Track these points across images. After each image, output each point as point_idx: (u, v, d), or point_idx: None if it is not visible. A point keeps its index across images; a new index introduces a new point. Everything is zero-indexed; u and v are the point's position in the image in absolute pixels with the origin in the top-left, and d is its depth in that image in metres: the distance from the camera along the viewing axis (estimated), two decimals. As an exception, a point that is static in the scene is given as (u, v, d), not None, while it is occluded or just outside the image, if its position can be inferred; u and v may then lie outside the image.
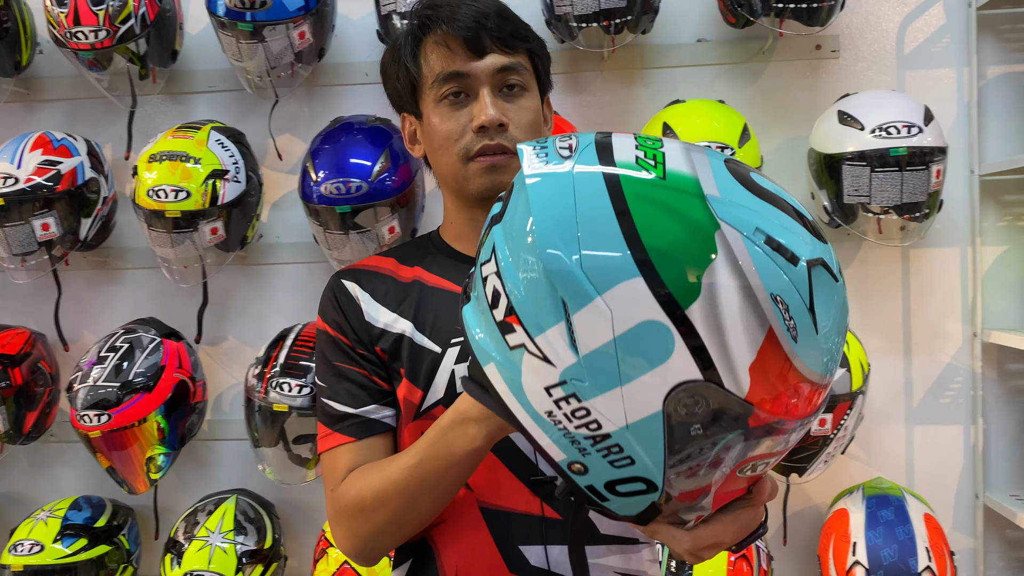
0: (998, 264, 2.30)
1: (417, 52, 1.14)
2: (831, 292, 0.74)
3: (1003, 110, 2.27)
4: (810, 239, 0.74)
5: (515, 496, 1.11)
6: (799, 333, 0.71)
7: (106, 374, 2.09)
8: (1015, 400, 2.30)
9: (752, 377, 0.70)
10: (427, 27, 1.14)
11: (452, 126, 1.12)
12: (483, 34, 1.11)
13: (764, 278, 0.69)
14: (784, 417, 0.73)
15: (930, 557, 1.96)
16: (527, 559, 1.11)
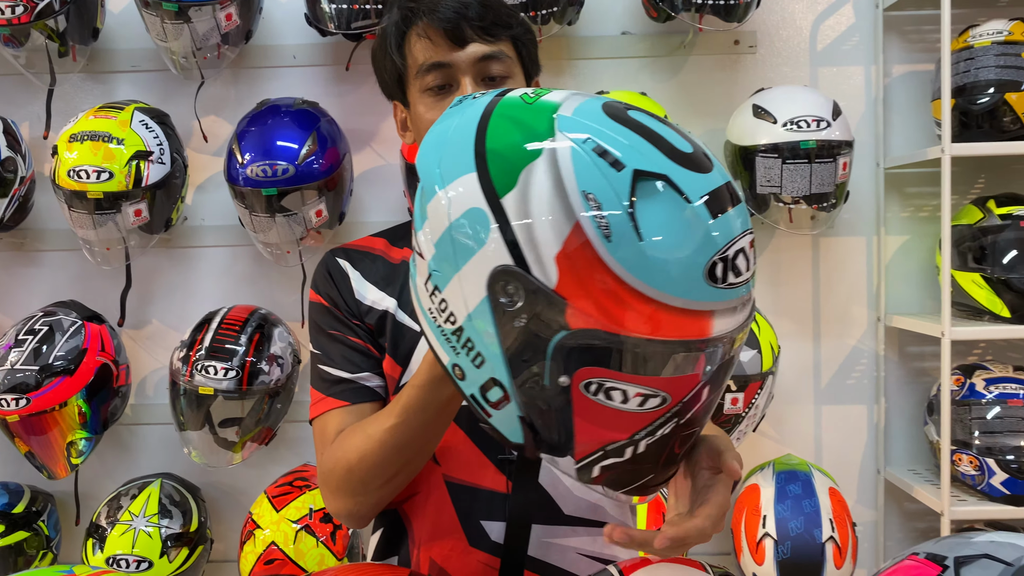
0: (900, 252, 2.43)
1: (402, 43, 1.17)
2: (673, 208, 0.73)
3: (906, 106, 2.40)
4: (671, 165, 0.74)
5: (481, 473, 1.15)
6: (613, 234, 0.72)
7: (24, 357, 2.05)
8: (915, 381, 2.44)
9: (559, 268, 0.73)
10: (410, 19, 1.16)
11: (437, 115, 1.13)
12: (464, 24, 1.13)
13: (578, 175, 0.73)
14: (608, 323, 0.73)
15: (833, 528, 2.08)
16: (488, 534, 1.15)
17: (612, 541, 0.83)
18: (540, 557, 1.16)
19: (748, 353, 2.06)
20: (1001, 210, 2.17)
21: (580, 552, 1.17)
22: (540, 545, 1.16)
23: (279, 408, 2.18)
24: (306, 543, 2.06)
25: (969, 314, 2.22)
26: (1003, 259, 2.11)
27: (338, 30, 2.08)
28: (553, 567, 1.16)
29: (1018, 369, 2.23)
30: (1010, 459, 2.08)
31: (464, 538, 1.15)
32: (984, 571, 0.74)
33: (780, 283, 2.41)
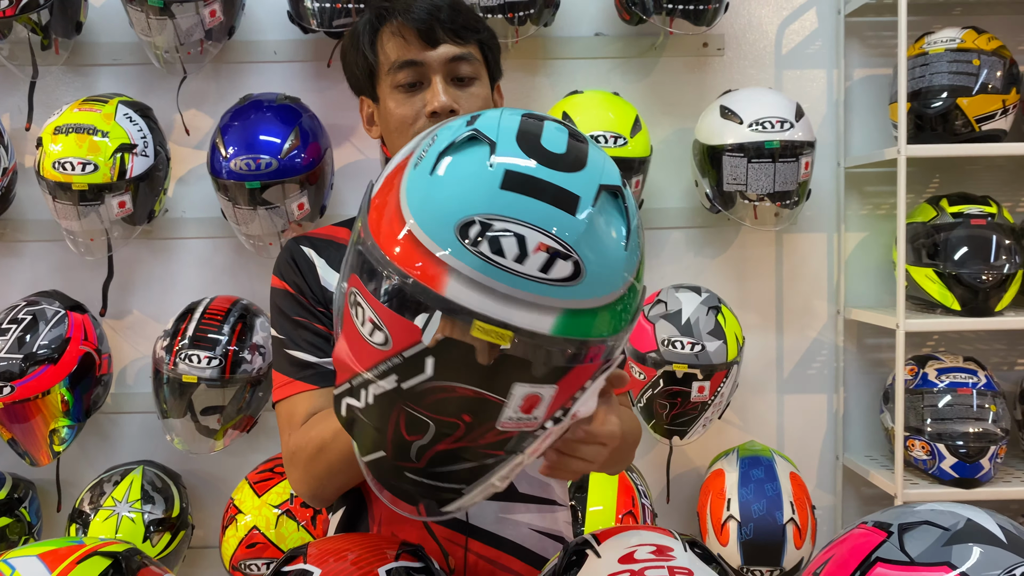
0: (860, 248, 2.54)
1: (375, 41, 1.22)
2: (472, 162, 0.79)
3: (866, 109, 2.51)
4: (515, 148, 0.80)
5: None
6: (419, 163, 0.81)
7: (8, 346, 2.08)
8: (872, 371, 2.55)
9: (382, 182, 0.84)
10: (384, 17, 1.21)
11: (407, 111, 1.20)
12: (436, 25, 1.18)
13: (445, 132, 0.84)
14: (374, 233, 0.79)
15: (794, 510, 2.18)
16: None
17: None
18: (497, 532, 1.22)
19: (714, 343, 2.16)
20: (953, 208, 2.29)
21: (531, 527, 1.25)
22: (496, 520, 1.23)
23: (260, 396, 2.23)
24: (287, 527, 2.12)
25: (923, 307, 2.33)
26: (954, 255, 2.23)
27: (320, 28, 2.13)
28: (508, 540, 1.23)
29: (968, 360, 2.35)
30: (959, 444, 2.20)
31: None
32: (924, 536, 0.83)
33: (745, 277, 2.51)
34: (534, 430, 0.81)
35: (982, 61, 2.20)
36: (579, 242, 0.76)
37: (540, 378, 0.78)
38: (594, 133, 2.16)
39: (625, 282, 0.80)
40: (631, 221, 0.83)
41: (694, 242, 2.50)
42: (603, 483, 2.19)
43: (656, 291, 2.31)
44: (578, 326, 0.76)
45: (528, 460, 0.86)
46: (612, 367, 0.85)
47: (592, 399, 0.84)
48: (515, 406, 0.78)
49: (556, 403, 0.80)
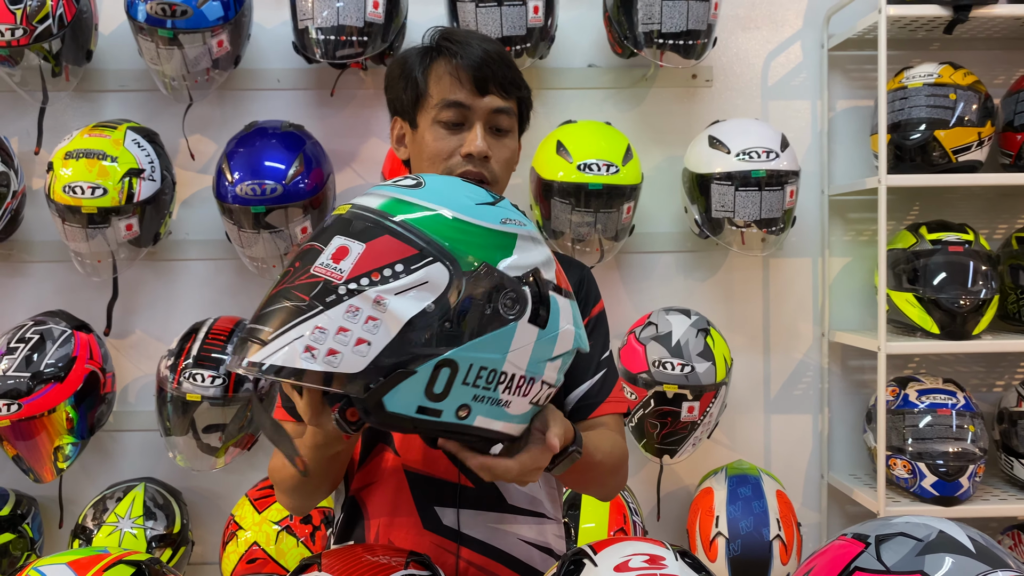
0: (843, 273, 2.63)
1: (428, 72, 1.29)
2: None
3: (849, 139, 2.61)
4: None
5: (436, 463, 1.29)
6: None
7: (16, 364, 2.13)
8: (856, 392, 2.63)
9: None
10: (442, 52, 1.28)
11: (443, 146, 1.28)
12: (489, 75, 1.27)
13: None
14: None
15: (780, 527, 2.25)
16: (440, 519, 1.28)
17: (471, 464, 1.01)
18: (487, 541, 1.28)
19: (703, 364, 2.23)
20: (932, 236, 2.37)
21: (520, 538, 1.31)
22: (487, 530, 1.29)
23: (262, 415, 2.28)
24: (287, 543, 2.16)
25: (904, 330, 2.41)
26: (933, 280, 2.31)
27: (324, 58, 2.21)
28: (498, 550, 1.29)
29: (947, 381, 2.43)
30: (939, 463, 2.27)
31: (419, 521, 1.28)
32: (899, 547, 0.90)
33: (733, 300, 2.59)
34: (337, 284, 0.89)
35: (958, 95, 2.30)
36: (431, 177, 1.01)
37: (354, 232, 0.93)
38: (587, 161, 2.24)
39: (466, 216, 0.96)
40: (500, 208, 1.00)
41: (683, 266, 2.58)
42: (596, 501, 2.25)
43: (647, 313, 2.38)
44: (405, 209, 0.95)
45: (331, 332, 0.88)
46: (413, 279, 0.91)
47: (409, 304, 0.90)
48: (329, 253, 0.92)
49: (361, 264, 0.91)
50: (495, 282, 0.94)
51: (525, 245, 0.99)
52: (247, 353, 0.88)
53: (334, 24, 2.16)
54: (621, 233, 2.34)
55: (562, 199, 2.25)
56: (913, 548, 0.89)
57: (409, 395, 0.90)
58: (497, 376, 0.95)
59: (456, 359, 0.92)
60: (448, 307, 0.91)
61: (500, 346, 0.95)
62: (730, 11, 2.56)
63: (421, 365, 0.90)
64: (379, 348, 0.88)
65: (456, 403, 0.93)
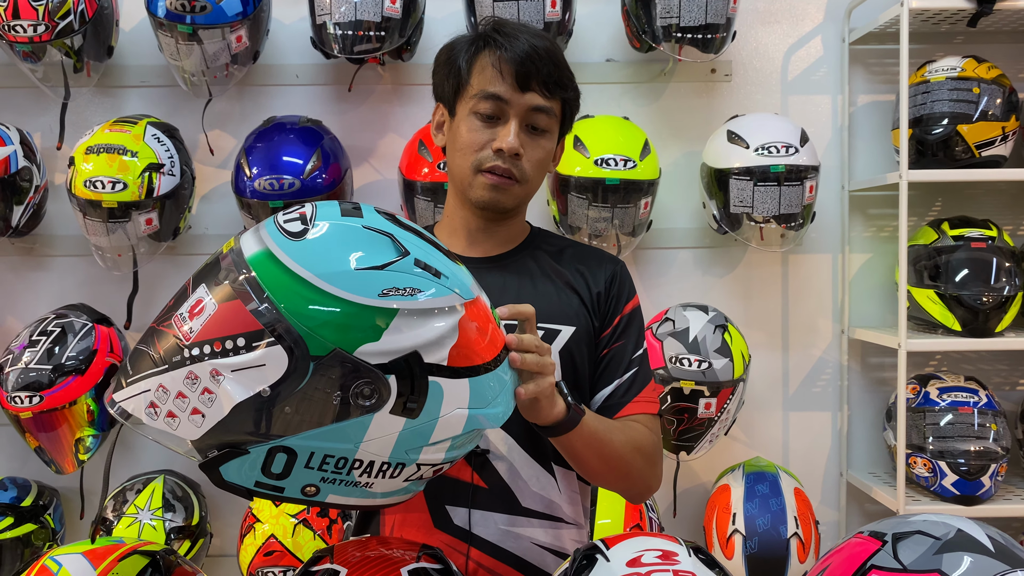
0: (863, 269, 2.60)
1: (472, 61, 1.26)
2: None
3: (870, 134, 2.58)
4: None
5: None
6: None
7: (38, 357, 2.16)
8: (875, 389, 2.61)
9: None
10: (488, 43, 1.25)
11: (476, 138, 1.25)
12: (532, 72, 1.23)
13: None
14: None
15: (798, 525, 2.23)
16: (451, 518, 1.27)
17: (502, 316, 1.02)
18: (498, 543, 1.27)
19: (720, 361, 2.22)
20: (954, 232, 2.34)
21: (535, 542, 1.29)
22: (500, 533, 1.27)
23: (279, 408, 2.30)
24: (304, 536, 2.18)
25: (925, 328, 2.39)
26: (955, 277, 2.29)
27: (342, 54, 2.21)
28: (509, 552, 1.27)
29: (969, 379, 2.40)
30: (960, 462, 2.25)
31: (430, 521, 1.27)
32: (917, 545, 0.89)
33: (751, 297, 2.57)
34: (183, 345, 0.85)
35: (982, 89, 2.27)
36: (319, 215, 0.90)
37: (214, 285, 0.87)
38: (605, 156, 2.23)
39: (332, 287, 0.85)
40: (391, 274, 0.88)
41: (701, 262, 2.56)
42: (611, 497, 2.24)
43: (664, 309, 2.37)
44: (268, 271, 0.85)
45: (171, 395, 0.86)
46: (264, 357, 0.84)
47: (242, 386, 0.84)
48: (189, 303, 0.87)
49: (211, 327, 0.84)
50: (347, 370, 0.84)
51: (407, 323, 0.87)
52: (115, 390, 0.89)
53: (352, 19, 2.16)
54: (638, 229, 2.33)
55: (579, 194, 2.24)
56: (931, 547, 0.88)
57: (245, 471, 0.87)
58: (350, 463, 0.89)
59: (294, 447, 0.86)
60: (287, 394, 0.84)
61: (350, 436, 0.87)
62: (749, 5, 2.54)
63: (254, 447, 0.85)
64: (211, 423, 0.84)
65: (300, 483, 0.89)
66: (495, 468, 1.28)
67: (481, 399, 0.94)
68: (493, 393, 0.96)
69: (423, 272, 0.91)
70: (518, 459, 1.29)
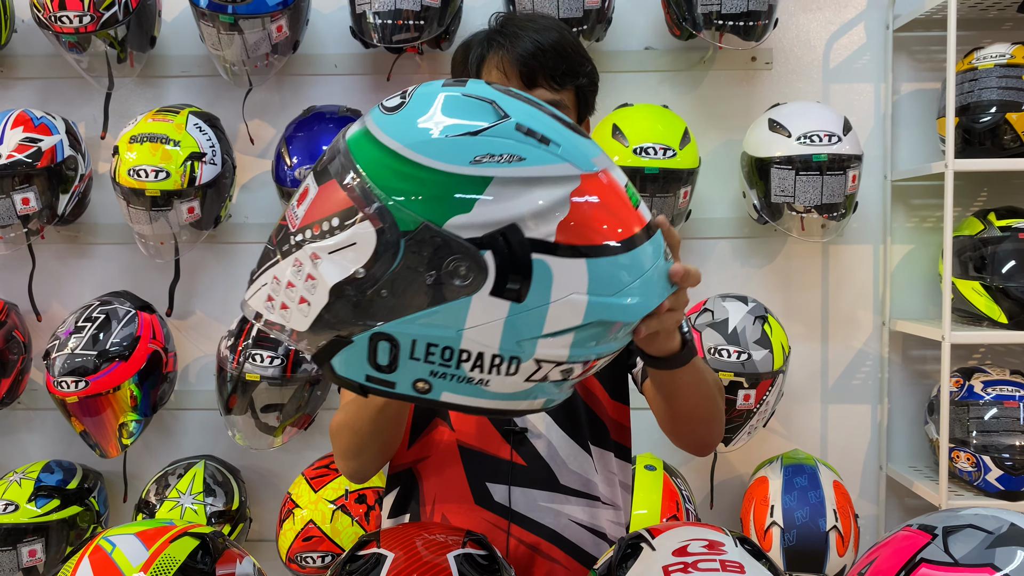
0: (905, 261, 2.56)
1: (481, 64, 1.26)
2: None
3: (914, 123, 2.53)
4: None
5: (489, 440, 1.29)
6: None
7: (83, 343, 2.20)
8: (916, 383, 2.57)
9: None
10: (493, 45, 1.25)
11: None
12: (537, 69, 1.22)
13: None
14: None
15: (837, 518, 2.21)
16: (492, 495, 1.29)
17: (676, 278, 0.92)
18: (537, 519, 1.28)
19: (760, 352, 2.20)
20: (1001, 222, 2.30)
21: (572, 519, 1.30)
22: (539, 509, 1.28)
23: (319, 395, 2.32)
24: (342, 522, 2.20)
25: (969, 320, 2.34)
26: (1002, 269, 2.24)
27: (381, 43, 2.22)
28: (548, 528, 1.29)
29: (1015, 373, 2.35)
30: (1005, 457, 2.21)
31: (471, 497, 1.28)
32: (968, 539, 0.88)
33: (791, 288, 2.54)
34: (292, 231, 0.82)
35: (1032, 77, 2.22)
36: (420, 89, 0.86)
37: (319, 170, 0.84)
38: (644, 145, 2.22)
39: (420, 155, 0.79)
40: (488, 144, 0.81)
41: (741, 252, 2.54)
42: (648, 487, 2.24)
43: (703, 300, 2.35)
44: (362, 147, 0.82)
45: (282, 284, 0.82)
46: (358, 224, 0.79)
47: (337, 267, 0.80)
48: (299, 192, 0.84)
49: (312, 211, 0.82)
50: (438, 246, 0.78)
51: (503, 192, 0.79)
52: (247, 290, 0.87)
53: (391, 8, 2.17)
54: (677, 218, 2.31)
55: (617, 183, 2.23)
56: (983, 540, 0.87)
57: (354, 362, 0.82)
58: (456, 354, 0.81)
59: (393, 333, 0.80)
60: (381, 274, 0.78)
61: (450, 321, 0.80)
62: (791, -8, 2.50)
63: (357, 335, 0.81)
64: (317, 310, 0.80)
65: (410, 377, 0.82)
66: (533, 446, 1.30)
67: (605, 285, 0.83)
68: (623, 281, 0.85)
69: (526, 138, 0.82)
70: (555, 437, 1.31)
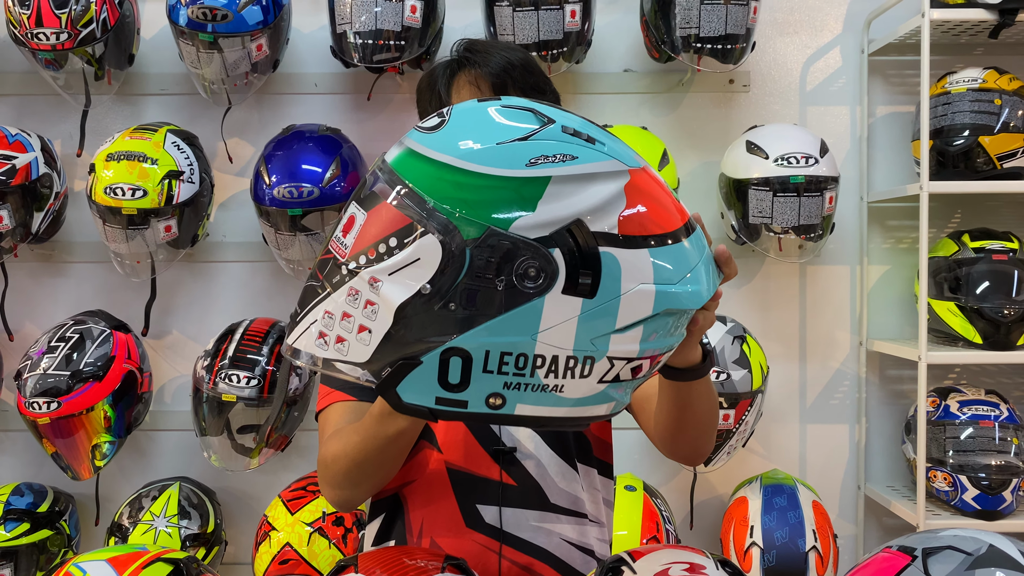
0: (882, 281, 2.59)
1: (451, 84, 1.29)
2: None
3: (889, 145, 2.57)
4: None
5: (478, 461, 1.28)
6: None
7: (56, 363, 2.16)
8: (893, 402, 2.59)
9: None
10: (464, 64, 1.30)
11: None
12: (509, 81, 1.27)
13: None
14: None
15: (816, 538, 2.21)
16: (482, 517, 1.27)
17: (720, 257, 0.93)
18: (529, 539, 1.27)
19: (739, 372, 2.21)
20: (975, 244, 2.33)
21: (563, 538, 1.30)
22: (530, 529, 1.27)
23: (296, 416, 2.30)
24: (319, 544, 2.17)
25: (945, 340, 2.37)
26: (976, 289, 2.27)
27: (361, 63, 2.22)
28: (540, 548, 1.28)
29: (990, 393, 2.38)
30: (981, 476, 2.23)
31: (462, 521, 1.27)
32: (948, 560, 0.87)
33: (769, 308, 2.56)
34: (341, 262, 0.81)
35: (1003, 100, 2.25)
36: (457, 107, 0.86)
37: (362, 197, 0.83)
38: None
39: (475, 164, 0.80)
40: (539, 149, 0.81)
41: (719, 273, 2.55)
42: (628, 508, 2.23)
43: (682, 320, 2.36)
44: (410, 166, 0.82)
45: (337, 318, 0.81)
46: (415, 244, 0.79)
47: (400, 287, 0.79)
48: (342, 222, 0.83)
49: (363, 236, 0.81)
50: (506, 250, 0.78)
51: (563, 190, 0.80)
52: (288, 333, 0.86)
53: (372, 28, 2.17)
54: (656, 239, 2.32)
55: (597, 204, 2.24)
56: (962, 562, 0.87)
57: (423, 386, 0.80)
58: (531, 361, 0.80)
59: (467, 348, 0.79)
60: (447, 287, 0.78)
61: (524, 326, 0.79)
62: (768, 16, 2.53)
63: (426, 355, 0.79)
64: (379, 337, 0.79)
65: (482, 393, 0.81)
66: (523, 465, 1.29)
67: (669, 273, 0.85)
68: (683, 267, 0.86)
69: (573, 138, 0.83)
70: (544, 456, 1.30)
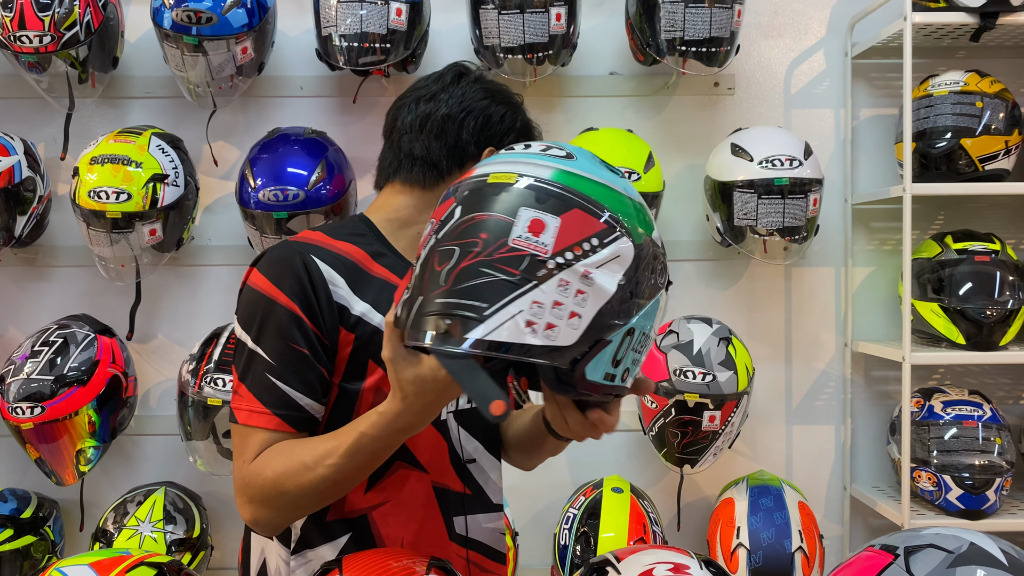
0: (866, 283, 2.60)
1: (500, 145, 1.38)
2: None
3: (873, 147, 2.59)
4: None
5: (450, 476, 1.31)
6: None
7: (40, 367, 2.15)
8: (878, 403, 2.60)
9: None
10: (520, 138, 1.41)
11: None
12: None
13: None
14: None
15: (802, 539, 2.22)
16: (455, 528, 1.31)
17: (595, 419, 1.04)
18: (485, 541, 1.36)
19: (725, 374, 2.21)
20: (958, 245, 2.35)
21: (497, 530, 1.39)
22: (484, 531, 1.35)
23: (282, 420, 2.29)
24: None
25: (928, 341, 2.38)
26: (959, 290, 2.29)
27: (347, 65, 2.22)
28: (490, 547, 1.37)
29: (973, 393, 2.39)
30: (965, 476, 2.24)
31: (446, 534, 1.30)
32: (929, 558, 0.88)
33: (755, 309, 2.57)
34: (545, 258, 0.91)
35: (985, 103, 2.28)
36: (573, 147, 1.02)
37: (541, 205, 0.94)
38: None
39: (621, 189, 0.99)
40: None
41: (705, 274, 2.56)
42: (615, 510, 2.23)
43: (668, 322, 2.37)
44: (579, 182, 0.96)
45: (547, 306, 0.91)
46: (609, 247, 0.94)
47: (609, 277, 0.94)
48: (523, 225, 0.92)
49: (563, 237, 0.92)
50: (656, 253, 0.99)
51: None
52: (467, 330, 0.89)
53: (357, 31, 2.17)
54: (642, 241, 2.33)
55: (583, 206, 2.25)
56: (944, 560, 0.88)
57: (601, 364, 0.95)
58: (648, 339, 1.01)
59: (636, 327, 0.97)
60: (633, 279, 0.95)
61: (654, 313, 1.01)
62: (752, 19, 2.55)
63: (614, 334, 0.94)
64: (588, 320, 0.92)
65: (625, 368, 0.98)
66: (471, 472, 1.35)
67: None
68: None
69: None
70: (484, 460, 1.36)
